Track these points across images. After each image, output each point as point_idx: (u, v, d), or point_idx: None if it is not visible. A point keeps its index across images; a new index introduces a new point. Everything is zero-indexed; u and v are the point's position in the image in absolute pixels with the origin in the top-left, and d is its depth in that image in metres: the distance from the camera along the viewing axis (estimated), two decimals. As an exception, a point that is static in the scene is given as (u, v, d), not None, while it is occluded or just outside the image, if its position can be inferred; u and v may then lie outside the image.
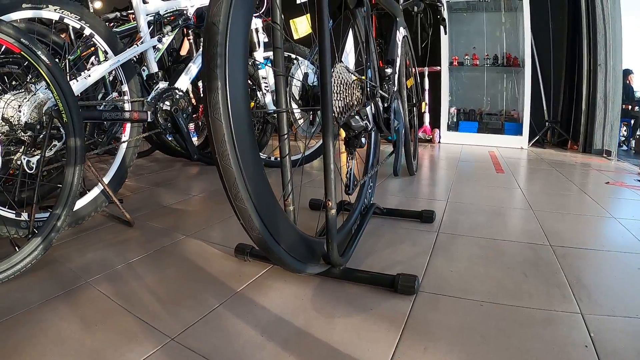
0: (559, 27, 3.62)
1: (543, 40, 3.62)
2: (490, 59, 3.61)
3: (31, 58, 1.08)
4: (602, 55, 3.25)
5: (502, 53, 3.65)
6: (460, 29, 3.74)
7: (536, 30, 3.47)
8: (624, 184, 2.20)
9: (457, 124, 3.67)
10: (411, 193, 1.78)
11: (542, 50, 3.62)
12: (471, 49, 3.71)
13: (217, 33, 0.56)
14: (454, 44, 3.64)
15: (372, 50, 1.33)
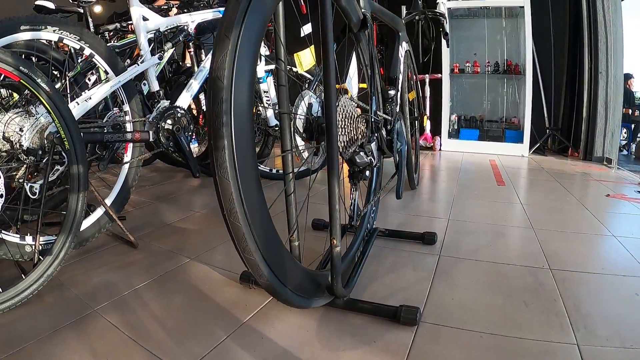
0: (560, 33, 3.61)
1: (544, 46, 3.62)
2: (492, 66, 3.60)
3: (31, 86, 1.08)
4: (603, 63, 3.24)
5: (503, 59, 3.64)
6: (461, 35, 3.73)
7: (537, 37, 3.47)
8: (625, 196, 2.20)
9: (458, 131, 3.67)
10: (413, 210, 1.78)
11: (543, 56, 3.62)
12: (472, 56, 3.70)
13: (221, 89, 0.56)
14: (454, 51, 3.63)
15: (376, 72, 1.33)
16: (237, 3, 0.59)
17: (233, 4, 0.59)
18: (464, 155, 3.35)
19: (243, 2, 0.60)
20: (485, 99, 3.72)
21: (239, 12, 0.59)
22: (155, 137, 1.54)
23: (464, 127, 3.70)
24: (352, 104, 0.96)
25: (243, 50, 0.59)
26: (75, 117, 1.30)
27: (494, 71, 3.57)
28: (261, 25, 0.64)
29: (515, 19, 3.63)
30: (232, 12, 0.60)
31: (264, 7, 0.64)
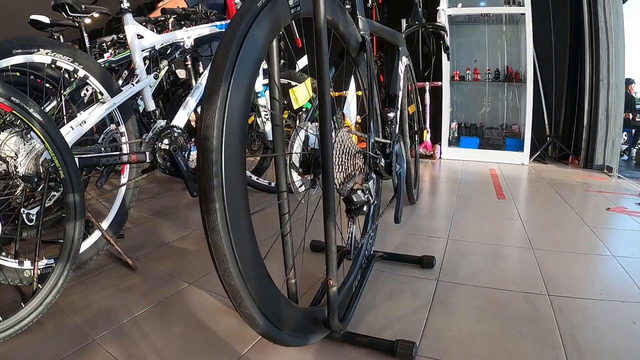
0: (561, 39, 3.59)
1: (545, 52, 3.59)
2: (492, 73, 3.58)
3: (23, 117, 1.07)
4: (604, 70, 3.22)
5: (504, 66, 3.62)
6: (462, 41, 3.71)
7: (538, 43, 3.44)
8: (625, 209, 2.19)
9: (458, 139, 3.65)
10: (412, 228, 1.78)
11: (544, 62, 3.59)
12: (472, 62, 3.68)
13: (211, 150, 0.55)
14: (455, 58, 3.61)
15: (375, 94, 1.32)
16: (226, 53, 0.58)
17: (221, 55, 0.58)
18: (464, 164, 3.34)
19: (232, 51, 0.58)
20: (485, 106, 3.70)
21: (227, 64, 0.57)
22: (152, 158, 1.54)
23: (464, 134, 3.69)
24: (349, 137, 0.95)
25: (233, 104, 0.57)
26: (70, 142, 1.30)
27: (494, 78, 3.55)
28: (253, 72, 0.63)
29: (516, 25, 3.60)
30: (221, 63, 0.58)
31: (255, 51, 0.63)
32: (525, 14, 3.30)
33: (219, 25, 1.89)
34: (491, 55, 3.66)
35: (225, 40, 0.59)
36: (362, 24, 1.23)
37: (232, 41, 0.58)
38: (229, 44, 0.58)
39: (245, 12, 0.62)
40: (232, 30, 0.59)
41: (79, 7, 1.75)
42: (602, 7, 3.21)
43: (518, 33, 3.62)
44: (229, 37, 0.59)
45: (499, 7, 3.43)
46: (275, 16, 0.69)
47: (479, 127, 3.71)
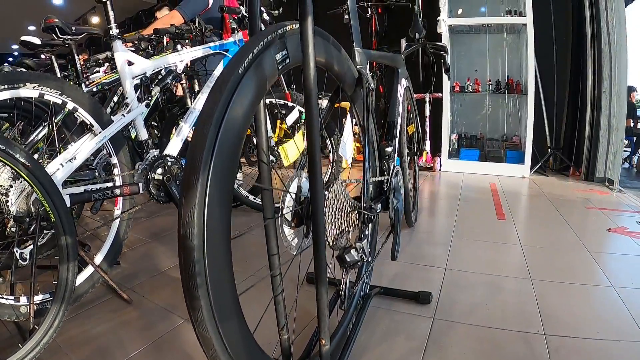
0: (562, 49, 3.55)
1: (546, 62, 3.55)
2: (493, 84, 3.54)
3: (9, 162, 1.05)
4: (606, 82, 3.19)
5: (505, 76, 3.58)
6: (462, 51, 3.67)
7: (539, 53, 3.40)
8: (626, 230, 2.17)
9: (458, 151, 3.62)
10: (409, 255, 1.75)
11: (546, 72, 3.55)
12: (473, 72, 3.64)
13: (192, 249, 0.52)
14: (455, 68, 3.57)
15: (372, 129, 1.29)
16: (203, 139, 0.55)
17: (198, 141, 0.55)
18: (465, 177, 3.31)
19: (210, 136, 0.55)
20: (486, 117, 3.67)
21: (205, 153, 0.54)
22: (146, 189, 1.52)
23: (464, 145, 3.66)
24: (344, 190, 0.93)
25: (213, 196, 0.54)
26: (60, 180, 1.28)
27: (495, 90, 3.51)
28: (234, 154, 0.60)
29: (517, 35, 3.56)
30: (197, 152, 0.54)
31: (237, 128, 0.59)
32: (526, 25, 3.25)
33: (212, 47, 1.86)
34: (492, 65, 3.62)
35: (202, 122, 0.56)
36: (359, 57, 1.20)
37: (209, 124, 0.55)
38: (205, 127, 0.55)
39: (225, 84, 0.59)
40: (209, 110, 0.57)
41: (69, 29, 1.72)
42: (605, 17, 3.17)
43: (519, 42, 3.58)
44: (204, 120, 0.56)
45: (500, 17, 3.39)
46: (260, 78, 0.66)
47: (480, 138, 3.68)
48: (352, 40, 1.19)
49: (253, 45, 0.65)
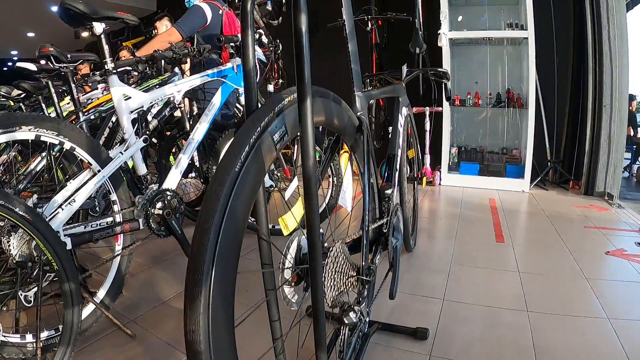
0: (563, 62, 3.54)
1: (547, 75, 3.55)
2: (493, 97, 3.54)
3: (9, 216, 1.06)
4: (607, 96, 3.18)
5: (505, 89, 3.57)
6: (462, 63, 3.66)
7: (540, 65, 3.39)
8: (624, 252, 2.18)
9: (458, 164, 3.62)
10: (408, 285, 1.76)
11: (546, 85, 3.55)
12: (473, 85, 3.63)
13: (199, 353, 0.54)
14: (455, 80, 3.56)
15: (373, 173, 1.29)
16: (202, 249, 0.56)
17: (198, 251, 0.56)
18: (464, 192, 3.32)
19: (210, 246, 0.56)
20: (486, 130, 3.66)
21: (205, 265, 0.55)
22: (146, 224, 1.53)
23: (464, 159, 3.66)
24: (343, 252, 0.94)
25: (217, 306, 0.55)
26: (61, 223, 1.29)
27: (495, 103, 3.50)
28: (236, 251, 0.61)
29: (518, 47, 3.55)
30: (198, 264, 0.55)
31: (237, 227, 0.60)
32: (528, 38, 3.24)
33: (210, 74, 1.85)
34: (492, 77, 3.61)
35: (201, 231, 0.57)
36: (359, 103, 1.20)
37: (209, 232, 0.56)
38: (205, 235, 0.56)
39: (221, 186, 0.59)
40: (205, 217, 0.57)
41: (65, 57, 1.72)
42: (607, 31, 3.16)
43: (520, 53, 3.57)
44: (203, 228, 0.56)
45: (502, 31, 3.37)
46: (259, 167, 0.66)
47: (480, 151, 3.68)
48: (353, 84, 1.20)
49: (250, 133, 0.65)
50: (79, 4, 1.36)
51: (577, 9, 3.42)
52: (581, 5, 3.32)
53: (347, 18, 1.17)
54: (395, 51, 3.90)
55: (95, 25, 1.43)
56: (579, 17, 3.41)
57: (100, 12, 1.43)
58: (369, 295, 0.98)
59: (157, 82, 2.09)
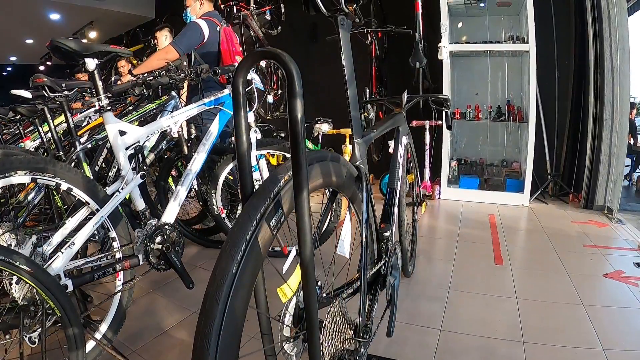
0: (565, 75, 3.52)
1: (548, 87, 3.53)
2: (494, 111, 3.52)
3: (10, 269, 1.07)
4: (608, 110, 3.17)
5: (505, 101, 3.56)
6: (462, 74, 3.64)
7: (541, 78, 3.38)
8: (622, 274, 2.19)
9: (457, 177, 3.62)
10: (405, 314, 1.76)
11: (547, 97, 3.53)
12: (473, 97, 3.62)
13: None
14: (455, 92, 3.54)
15: (371, 220, 1.28)
16: (205, 353, 0.57)
17: (200, 353, 0.57)
18: (464, 207, 3.32)
19: (212, 343, 0.57)
20: (486, 143, 3.65)
21: None
22: (145, 260, 1.54)
23: (464, 172, 3.65)
24: (342, 314, 0.95)
25: None
26: (62, 266, 1.30)
27: (495, 117, 3.49)
28: (235, 348, 0.62)
29: (519, 58, 3.52)
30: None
31: (236, 325, 0.62)
32: (529, 51, 3.22)
33: (207, 103, 1.84)
34: (493, 88, 3.59)
35: (201, 336, 0.58)
36: (358, 151, 1.19)
37: (209, 336, 0.57)
38: (206, 340, 0.57)
39: (219, 290, 0.60)
40: (205, 321, 0.58)
41: (59, 87, 1.71)
42: (609, 44, 3.14)
43: (521, 65, 3.55)
44: (203, 332, 0.58)
45: (502, 44, 3.35)
46: (256, 257, 0.66)
47: (480, 163, 3.67)
48: (352, 131, 1.19)
49: (245, 228, 0.65)
50: (69, 42, 1.36)
51: (579, 21, 3.39)
52: (583, 18, 3.30)
53: (346, 62, 1.17)
54: (395, 62, 3.88)
55: (87, 61, 1.42)
56: (580, 29, 3.39)
57: (92, 48, 1.42)
58: (366, 345, 0.99)
59: (155, 106, 2.09)
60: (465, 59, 3.62)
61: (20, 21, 5.66)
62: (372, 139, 1.30)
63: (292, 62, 0.61)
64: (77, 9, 5.27)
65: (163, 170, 2.29)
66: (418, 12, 3.24)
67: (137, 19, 5.86)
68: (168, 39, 3.52)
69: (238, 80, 0.66)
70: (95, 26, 5.86)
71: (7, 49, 7.52)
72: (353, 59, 1.18)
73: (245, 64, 0.66)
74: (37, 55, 7.32)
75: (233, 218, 2.45)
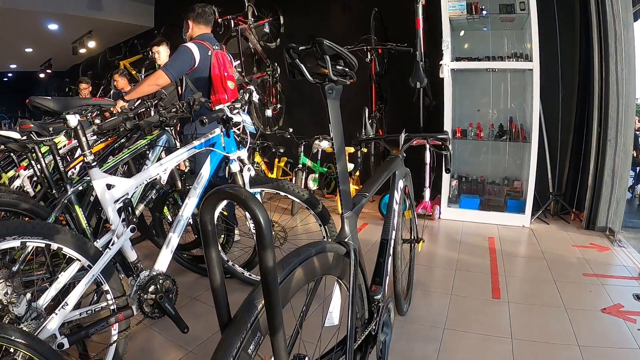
0: (569, 92, 3.46)
1: (551, 105, 3.47)
2: (495, 129, 3.47)
3: (7, 343, 1.07)
4: (612, 130, 3.11)
5: (508, 118, 3.50)
6: (464, 90, 3.58)
7: (545, 95, 3.31)
8: (620, 308, 2.16)
9: (458, 196, 3.58)
10: (397, 357, 1.75)
11: (550, 115, 3.47)
12: (475, 113, 3.56)
13: None
14: (457, 109, 3.48)
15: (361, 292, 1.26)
16: None
17: None
18: (464, 228, 3.29)
19: None
20: (487, 161, 3.61)
21: None
22: (139, 310, 1.54)
23: (464, 190, 3.61)
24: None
25: None
26: (56, 326, 1.31)
27: (497, 136, 3.44)
28: None
29: (522, 74, 3.45)
30: None
31: None
32: (532, 70, 3.15)
33: (197, 146, 1.79)
34: (495, 105, 3.53)
35: None
36: (348, 226, 1.15)
37: None
38: None
39: None
40: None
41: (47, 131, 1.70)
42: (614, 61, 3.06)
43: (524, 81, 3.48)
44: None
45: (506, 62, 3.29)
46: None
47: (480, 181, 3.63)
48: (342, 206, 1.17)
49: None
50: (47, 102, 1.34)
51: (584, 37, 3.31)
52: (588, 34, 3.22)
53: (335, 134, 1.14)
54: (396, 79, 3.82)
55: (69, 118, 1.40)
56: (585, 45, 3.31)
57: (72, 105, 1.40)
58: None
59: (146, 142, 2.07)
60: (467, 74, 3.55)
61: (20, 32, 5.65)
62: (363, 206, 1.28)
63: (261, 209, 0.58)
64: (75, 19, 5.23)
65: (158, 202, 2.28)
66: (419, 30, 3.18)
67: (136, 28, 5.81)
68: (167, 53, 3.49)
69: (205, 217, 0.64)
70: (94, 36, 5.82)
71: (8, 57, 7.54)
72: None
73: (209, 203, 0.64)
74: (36, 63, 7.35)
75: (228, 249, 2.44)
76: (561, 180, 3.60)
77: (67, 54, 6.30)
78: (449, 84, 3.32)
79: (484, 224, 3.38)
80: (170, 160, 1.70)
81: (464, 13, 3.29)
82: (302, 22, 4.42)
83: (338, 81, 1.07)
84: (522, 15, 3.26)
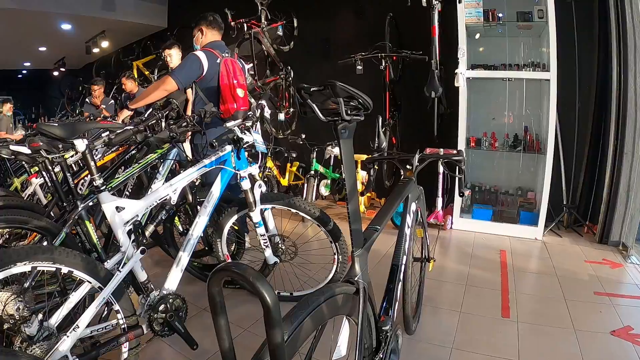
0: (585, 104, 3.37)
1: (568, 115, 3.39)
2: (510, 139, 3.40)
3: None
4: (629, 143, 3.03)
5: (523, 127, 3.43)
6: (480, 98, 3.51)
7: (561, 105, 3.23)
8: (630, 331, 2.13)
9: (471, 206, 3.53)
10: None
11: (567, 127, 3.39)
12: (490, 122, 3.50)
13: None
14: (471, 118, 3.42)
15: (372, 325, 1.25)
16: None
17: None
18: (475, 239, 3.25)
19: None
20: (501, 171, 3.55)
21: None
22: (150, 329, 1.57)
23: (477, 199, 3.57)
24: None
25: None
26: (67, 348, 1.33)
27: (512, 147, 3.37)
28: None
29: (539, 82, 3.37)
30: None
31: None
32: (550, 80, 3.07)
33: (208, 165, 1.80)
34: (510, 113, 3.46)
35: None
36: (359, 264, 1.13)
37: None
38: None
39: None
40: None
41: (56, 148, 1.72)
42: (634, 74, 2.98)
43: (541, 90, 3.40)
44: None
45: (522, 71, 3.21)
46: None
47: (494, 191, 3.58)
48: (352, 244, 1.15)
49: None
50: (54, 129, 1.35)
51: (602, 49, 3.21)
52: (606, 46, 3.12)
53: (347, 175, 1.13)
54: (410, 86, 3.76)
55: (77, 143, 1.41)
56: (603, 58, 3.21)
57: (78, 130, 1.40)
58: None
59: (156, 156, 2.08)
60: (482, 82, 3.48)
61: (34, 32, 5.71)
62: (374, 241, 1.26)
63: (269, 291, 0.58)
64: (88, 20, 5.26)
65: (166, 221, 2.29)
66: (434, 37, 3.11)
67: (149, 28, 5.82)
68: (179, 56, 3.50)
69: (213, 290, 0.64)
70: (107, 35, 5.84)
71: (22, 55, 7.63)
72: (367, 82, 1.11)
73: (216, 278, 0.64)
74: (50, 61, 7.43)
75: (239, 260, 2.46)
76: (575, 192, 3.53)
77: (81, 53, 6.36)
78: (464, 92, 3.26)
79: (496, 236, 3.34)
80: (180, 181, 1.70)
81: (481, 20, 3.21)
82: (315, 25, 4.38)
83: (352, 120, 1.06)
84: (539, 23, 3.18)
